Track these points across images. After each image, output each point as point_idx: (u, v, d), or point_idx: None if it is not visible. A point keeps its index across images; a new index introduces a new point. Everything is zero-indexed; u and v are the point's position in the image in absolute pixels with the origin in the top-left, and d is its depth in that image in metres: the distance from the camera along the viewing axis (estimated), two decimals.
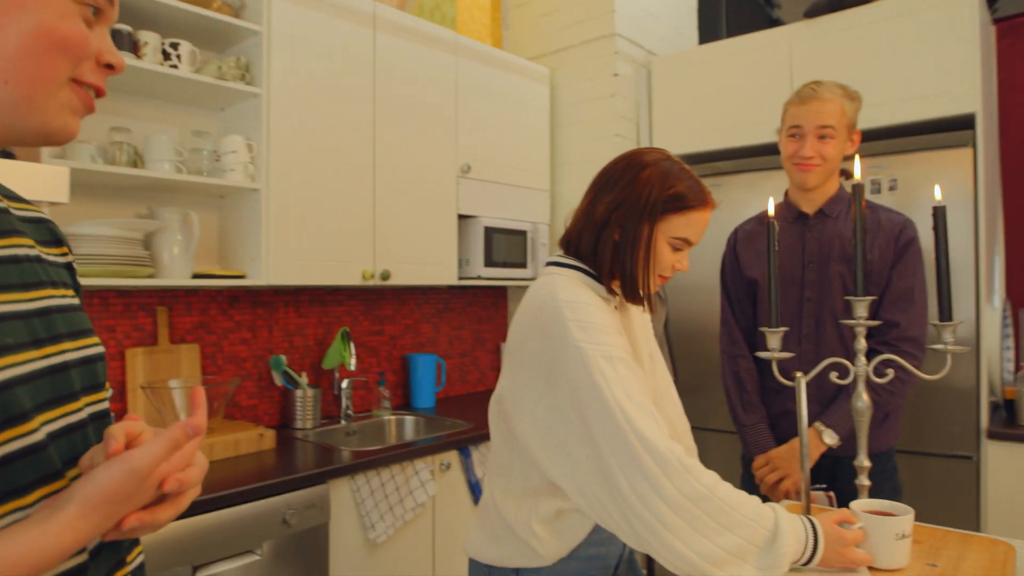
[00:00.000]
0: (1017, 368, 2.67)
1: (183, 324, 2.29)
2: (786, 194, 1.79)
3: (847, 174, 2.60)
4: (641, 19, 3.19)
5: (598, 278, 1.20)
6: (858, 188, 1.20)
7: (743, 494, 1.03)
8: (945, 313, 1.21)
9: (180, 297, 2.28)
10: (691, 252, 1.23)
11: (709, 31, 3.64)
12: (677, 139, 3.06)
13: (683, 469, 0.99)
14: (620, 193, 1.18)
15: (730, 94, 2.93)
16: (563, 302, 1.11)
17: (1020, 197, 2.82)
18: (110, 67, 0.67)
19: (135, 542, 0.74)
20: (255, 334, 2.47)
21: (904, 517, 1.12)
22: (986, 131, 2.47)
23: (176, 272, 2.05)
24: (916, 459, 2.46)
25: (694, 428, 3.29)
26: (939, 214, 1.20)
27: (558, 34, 3.24)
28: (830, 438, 1.61)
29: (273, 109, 2.16)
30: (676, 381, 2.98)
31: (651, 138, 3.13)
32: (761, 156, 2.85)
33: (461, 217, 2.80)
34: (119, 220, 1.92)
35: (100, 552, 0.66)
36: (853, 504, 1.19)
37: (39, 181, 1.50)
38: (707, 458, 3.42)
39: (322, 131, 2.30)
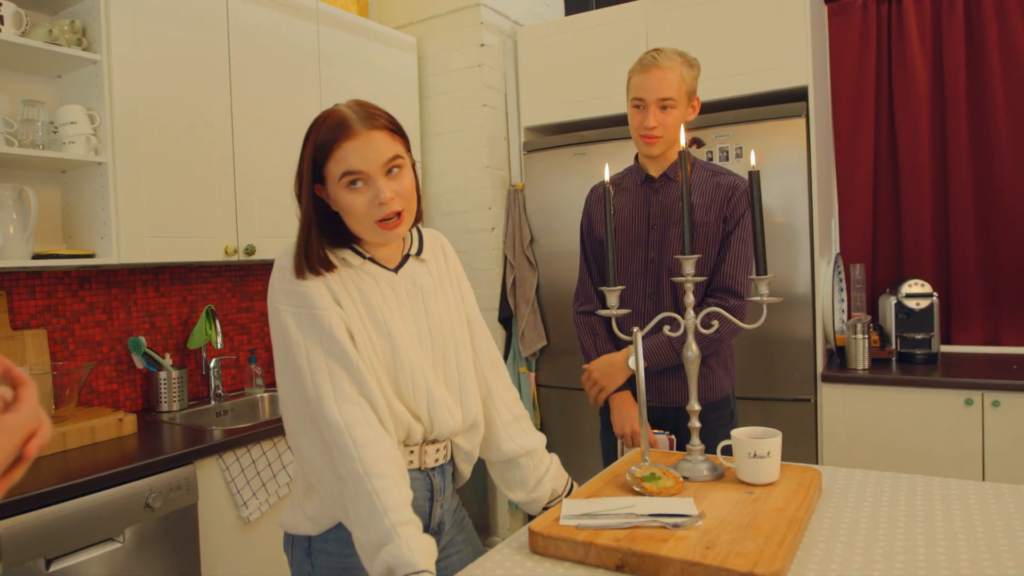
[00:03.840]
0: (848, 317, 2.96)
1: (27, 308, 2.14)
2: (636, 158, 1.87)
3: (699, 142, 2.76)
4: None
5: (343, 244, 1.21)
6: (683, 154, 1.30)
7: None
8: (761, 268, 1.34)
9: (21, 280, 2.13)
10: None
11: (576, 2, 3.72)
12: (544, 109, 3.14)
13: (351, 445, 1.06)
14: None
15: (593, 65, 3.02)
16: (276, 269, 1.17)
17: (850, 163, 3.10)
18: None
19: None
20: (111, 316, 2.35)
21: (759, 440, 1.29)
22: (818, 103, 2.69)
23: (13, 253, 1.91)
24: (763, 404, 2.70)
25: (563, 389, 3.38)
26: (753, 178, 1.32)
27: (425, 2, 3.21)
28: (632, 362, 1.64)
29: (116, 76, 2.04)
30: (547, 346, 3.11)
31: (519, 108, 3.19)
32: (623, 125, 2.97)
33: None
34: None
35: None
36: (734, 431, 1.33)
37: None
38: (579, 418, 3.50)
39: (173, 100, 2.19)
